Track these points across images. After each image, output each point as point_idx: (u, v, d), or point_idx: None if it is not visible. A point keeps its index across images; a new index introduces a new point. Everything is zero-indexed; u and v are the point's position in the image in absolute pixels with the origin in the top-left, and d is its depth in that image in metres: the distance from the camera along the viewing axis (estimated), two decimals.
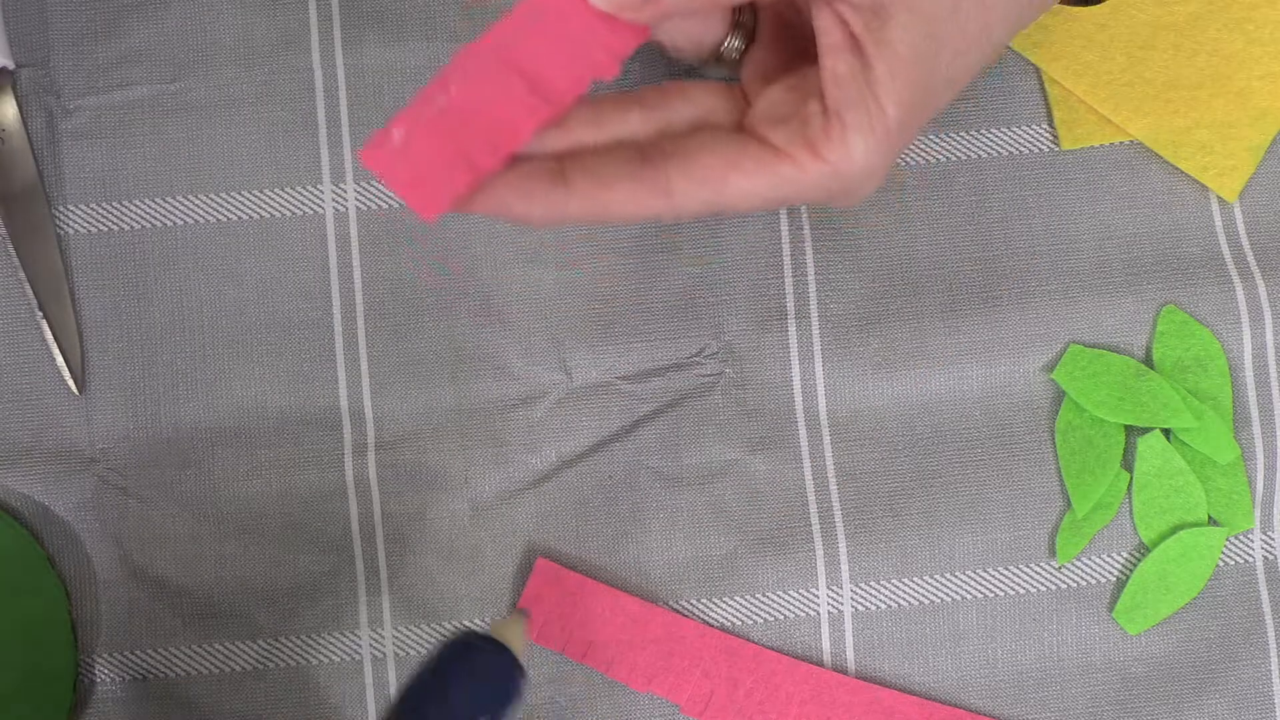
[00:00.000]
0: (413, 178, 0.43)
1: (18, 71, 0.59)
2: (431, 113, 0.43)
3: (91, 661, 0.57)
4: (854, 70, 0.45)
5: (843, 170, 0.45)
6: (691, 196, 0.46)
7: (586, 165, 0.46)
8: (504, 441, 0.58)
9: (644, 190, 0.46)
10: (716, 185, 0.46)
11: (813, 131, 0.45)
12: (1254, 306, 0.59)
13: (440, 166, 0.43)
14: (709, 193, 0.46)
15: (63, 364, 0.57)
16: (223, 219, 0.59)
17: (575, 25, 0.45)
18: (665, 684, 0.57)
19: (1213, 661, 0.58)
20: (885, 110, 0.45)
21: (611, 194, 0.45)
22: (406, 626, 0.57)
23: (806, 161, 0.45)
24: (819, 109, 0.46)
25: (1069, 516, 0.58)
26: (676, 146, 0.46)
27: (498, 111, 0.44)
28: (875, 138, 0.45)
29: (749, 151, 0.46)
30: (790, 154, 0.46)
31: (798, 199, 0.46)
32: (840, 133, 0.45)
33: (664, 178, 0.46)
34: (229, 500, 0.57)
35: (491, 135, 0.44)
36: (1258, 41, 0.60)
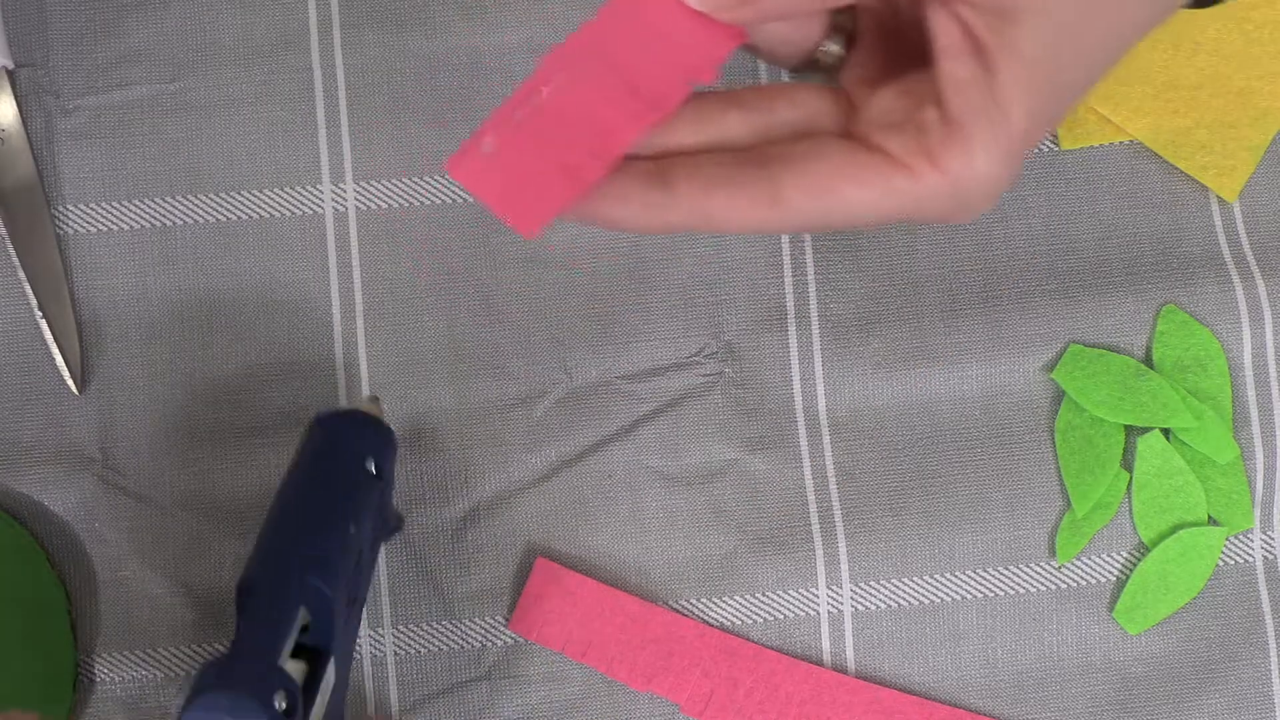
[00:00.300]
0: (507, 190, 0.40)
1: (17, 71, 0.59)
2: (523, 118, 0.40)
3: (91, 661, 0.57)
4: (976, 75, 0.41)
5: (963, 183, 0.42)
6: (802, 207, 0.42)
7: (689, 169, 0.42)
8: (504, 441, 0.58)
9: (752, 198, 0.42)
10: (828, 195, 0.42)
11: (932, 140, 0.42)
12: (1254, 306, 0.59)
13: (538, 176, 0.40)
14: (820, 203, 0.42)
15: (62, 364, 0.57)
16: (222, 219, 0.59)
17: (668, 27, 0.41)
18: (665, 683, 0.57)
19: (1213, 661, 0.58)
20: (1011, 118, 0.41)
21: (716, 201, 0.42)
22: (407, 626, 0.57)
23: (925, 172, 0.42)
24: (937, 116, 0.42)
25: (1069, 516, 0.58)
26: (785, 152, 0.43)
27: (598, 116, 0.41)
28: (999, 148, 0.42)
29: (862, 160, 0.42)
30: (907, 164, 0.42)
31: (913, 214, 0.43)
32: (963, 142, 0.42)
33: (773, 185, 0.42)
34: (229, 500, 0.57)
35: (593, 141, 0.40)
36: (1257, 41, 0.60)
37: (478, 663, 0.57)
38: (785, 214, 0.42)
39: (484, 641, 0.57)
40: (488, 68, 0.59)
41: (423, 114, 0.59)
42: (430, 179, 0.59)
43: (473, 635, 0.57)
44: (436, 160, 0.59)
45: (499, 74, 0.59)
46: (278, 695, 0.43)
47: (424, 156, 0.59)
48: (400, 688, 0.57)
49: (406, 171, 0.59)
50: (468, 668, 0.57)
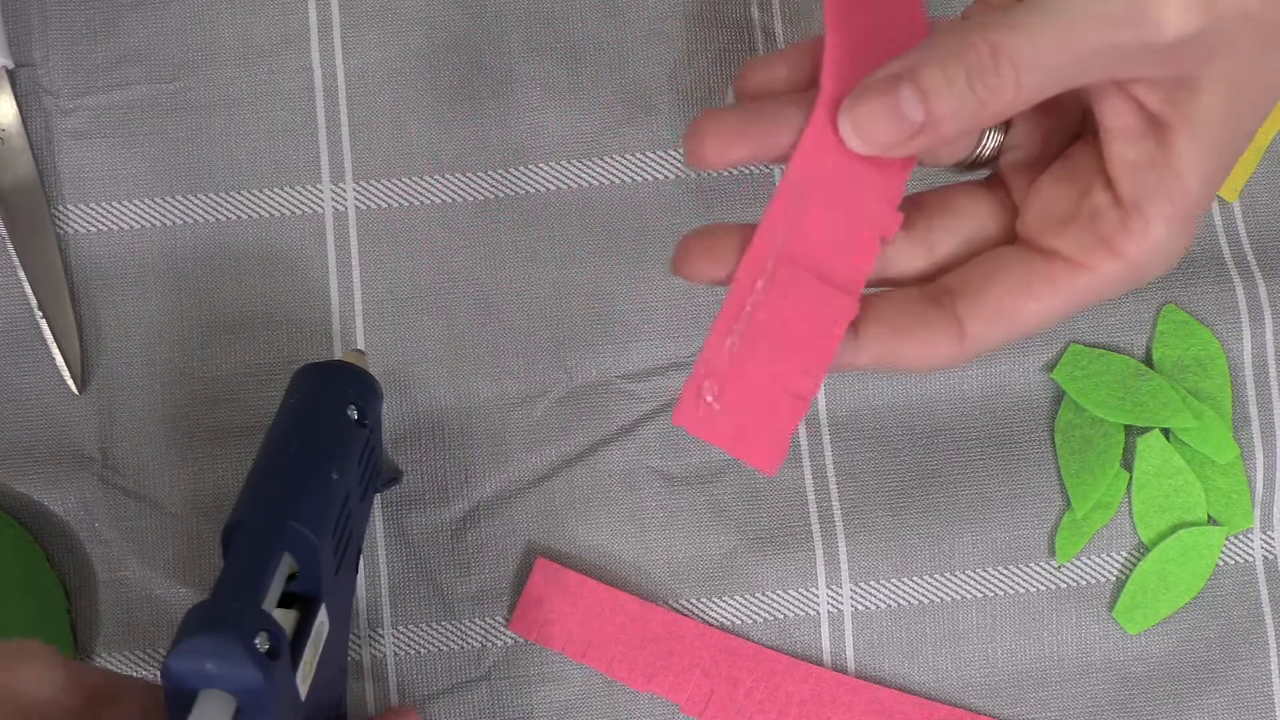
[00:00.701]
0: (739, 432, 0.40)
1: (17, 71, 0.59)
2: (735, 352, 0.40)
3: (91, 661, 0.57)
4: (1152, 154, 0.40)
5: (1145, 263, 0.41)
6: (986, 336, 0.41)
7: (874, 313, 0.42)
8: (504, 441, 0.58)
9: (937, 337, 0.41)
10: (1011, 319, 0.41)
11: (1107, 228, 0.41)
12: (1254, 306, 0.59)
13: (763, 411, 0.40)
14: (1004, 329, 0.41)
15: (62, 364, 0.57)
16: (222, 218, 0.59)
17: (842, 186, 0.41)
18: (665, 683, 0.57)
19: (1213, 661, 0.58)
20: (1189, 190, 0.40)
21: (905, 346, 0.41)
22: (407, 626, 0.57)
23: (1104, 265, 0.41)
24: (1110, 201, 0.41)
25: (1069, 516, 0.58)
26: (960, 283, 0.42)
27: (804, 325, 0.40)
28: (1178, 220, 0.40)
29: (1038, 271, 0.41)
30: (1084, 262, 0.41)
31: (1093, 304, 0.42)
32: (1142, 225, 0.40)
33: (955, 320, 0.41)
34: (229, 500, 0.57)
35: (804, 355, 0.40)
36: None
37: (478, 663, 0.57)
38: (972, 346, 0.42)
39: (484, 642, 0.57)
40: (489, 66, 0.60)
41: (423, 114, 0.59)
42: (430, 179, 0.59)
43: (473, 635, 0.57)
44: (436, 160, 0.59)
45: (500, 72, 0.59)
46: (260, 636, 0.43)
47: (424, 156, 0.59)
48: (400, 688, 0.57)
49: (406, 171, 0.59)
50: (468, 668, 0.57)
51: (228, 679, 0.42)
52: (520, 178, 0.59)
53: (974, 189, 0.44)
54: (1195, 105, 0.40)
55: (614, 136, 0.59)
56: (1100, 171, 0.41)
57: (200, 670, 0.42)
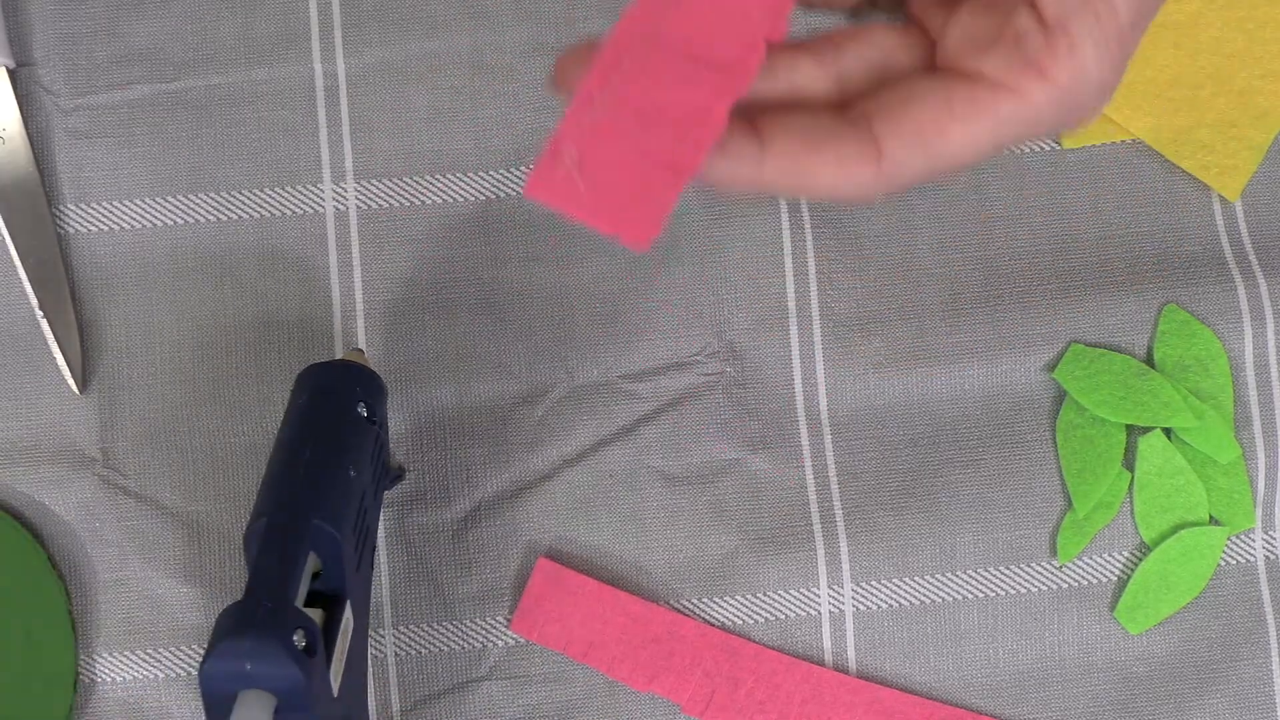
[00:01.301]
0: (604, 202, 0.36)
1: (18, 71, 0.59)
2: (598, 120, 0.36)
3: (91, 661, 0.57)
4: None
5: (1074, 90, 0.38)
6: (906, 161, 0.38)
7: (781, 123, 0.38)
8: (505, 440, 0.58)
9: (851, 156, 0.38)
10: (934, 142, 0.38)
11: (1033, 50, 0.38)
12: (1255, 306, 0.59)
13: (634, 179, 0.36)
14: (925, 152, 0.38)
15: (63, 363, 0.57)
16: (223, 218, 0.59)
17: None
18: (666, 683, 0.57)
19: (1214, 661, 0.58)
20: (1116, 9, 0.38)
21: (816, 161, 0.38)
22: (407, 626, 0.57)
23: (1031, 89, 0.38)
24: (1033, 23, 0.38)
25: (1070, 516, 0.58)
26: (876, 105, 0.39)
27: (679, 100, 0.36)
28: (1109, 44, 0.38)
29: (960, 93, 0.38)
30: (1010, 85, 0.38)
31: (1024, 136, 0.39)
32: (1068, 46, 0.38)
33: (871, 140, 0.38)
34: (229, 500, 0.57)
35: (683, 128, 0.36)
36: (1259, 40, 0.60)
37: (479, 663, 0.57)
38: (890, 171, 0.38)
39: (485, 642, 0.57)
40: (489, 66, 0.59)
41: (424, 114, 0.59)
42: (431, 178, 0.59)
43: (474, 636, 0.57)
44: (437, 160, 0.59)
45: (500, 72, 0.59)
46: (297, 634, 0.43)
47: (425, 156, 0.59)
48: (401, 688, 0.57)
49: (407, 171, 0.59)
50: (469, 668, 0.57)
51: (267, 678, 0.42)
52: (521, 178, 0.59)
53: (886, 26, 0.41)
54: None
55: None
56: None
57: (240, 671, 0.42)
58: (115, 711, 0.56)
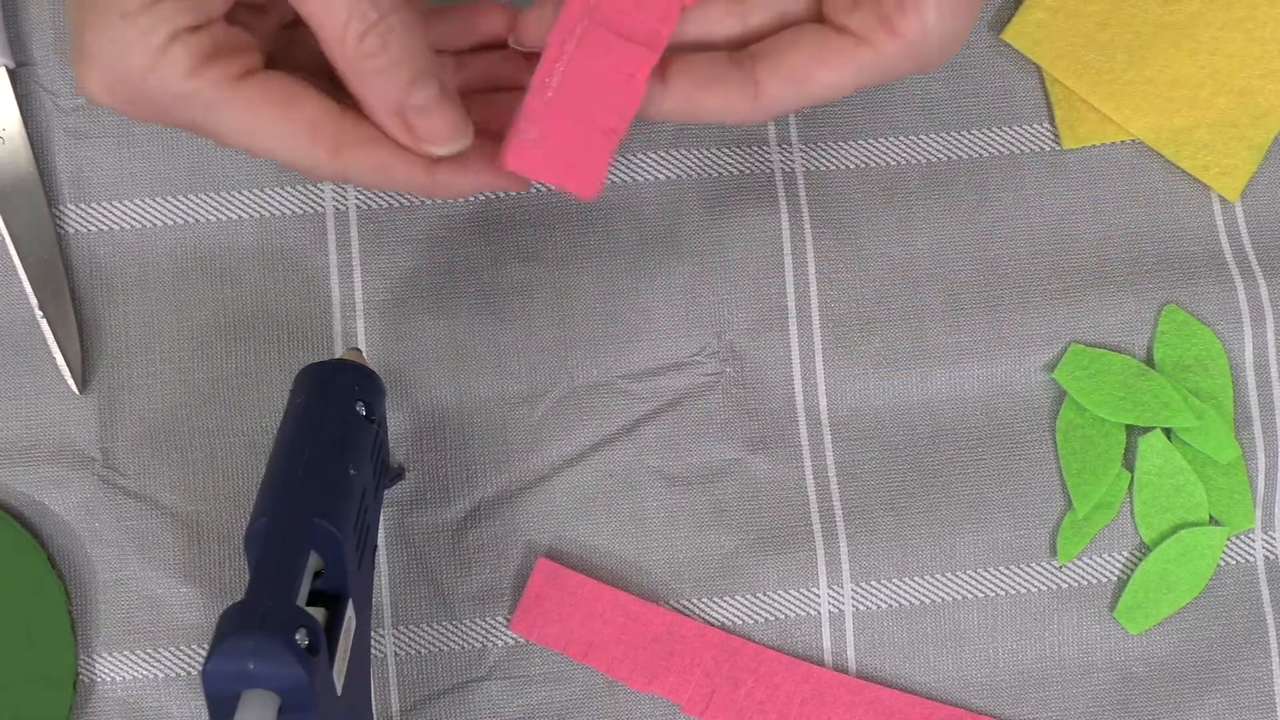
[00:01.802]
0: (562, 166, 0.47)
1: (18, 71, 0.59)
2: (551, 100, 0.46)
3: (91, 661, 0.57)
4: None
5: (919, 44, 0.47)
6: (778, 97, 0.48)
7: (683, 65, 0.48)
8: (505, 440, 0.58)
9: (734, 92, 0.48)
10: (802, 83, 0.48)
11: (887, 9, 0.46)
12: (1255, 306, 0.59)
13: (582, 146, 0.46)
14: (796, 91, 0.48)
15: (63, 364, 0.57)
16: (223, 218, 0.59)
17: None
18: (666, 684, 0.57)
19: (1214, 661, 0.58)
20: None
21: (704, 95, 0.48)
22: (407, 626, 0.57)
23: (884, 43, 0.47)
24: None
25: (1070, 516, 0.58)
26: (764, 48, 0.48)
27: (610, 75, 0.47)
28: (951, 6, 0.46)
29: (831, 44, 0.47)
30: (868, 39, 0.47)
31: (885, 77, 0.48)
32: (914, 5, 0.46)
33: (752, 80, 0.48)
34: (229, 500, 0.57)
35: (614, 98, 0.47)
36: (1259, 40, 0.60)
37: (479, 663, 0.57)
38: (765, 104, 0.48)
39: (485, 642, 0.57)
40: None
41: None
42: None
43: (473, 636, 0.57)
44: None
45: None
46: (299, 633, 0.43)
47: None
48: (401, 688, 0.57)
49: None
50: (469, 668, 0.57)
51: (270, 677, 0.42)
52: None
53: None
54: None
55: None
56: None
57: (243, 670, 0.42)
58: (115, 711, 0.56)
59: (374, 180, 0.47)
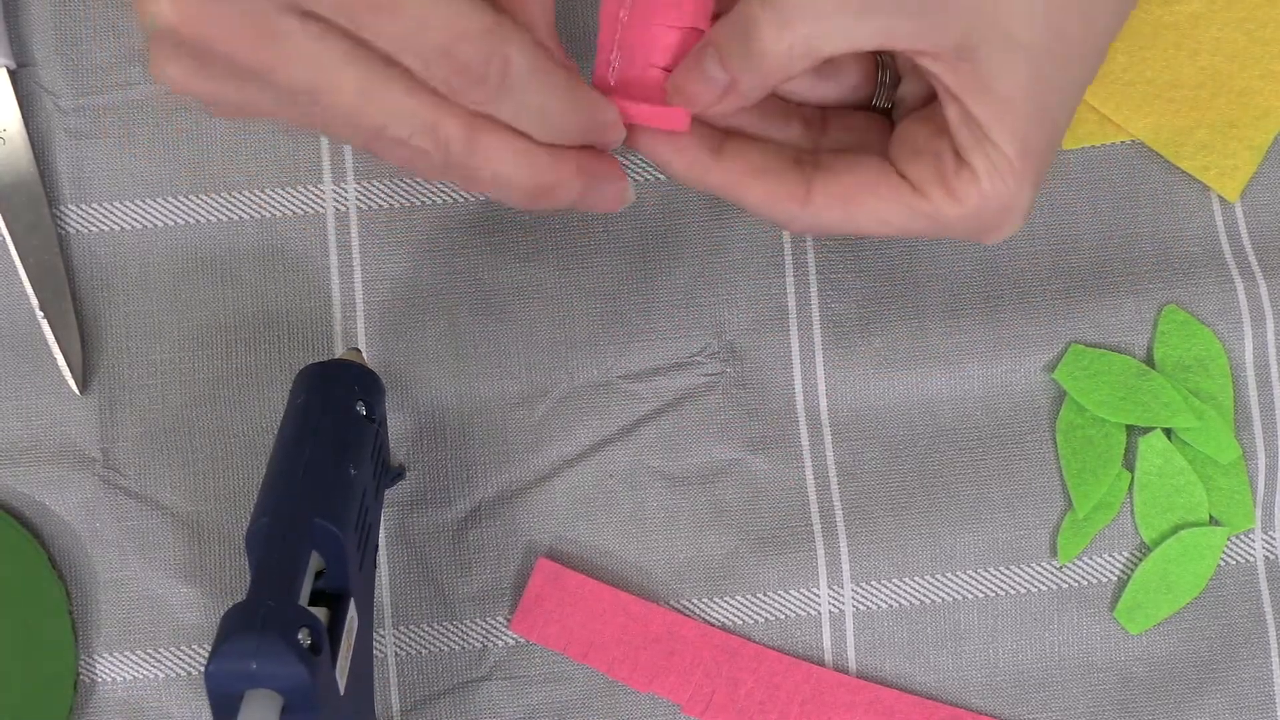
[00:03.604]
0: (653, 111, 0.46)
1: (19, 71, 0.59)
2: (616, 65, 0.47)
3: (92, 662, 0.57)
4: (964, 114, 0.45)
5: (978, 208, 0.46)
6: (825, 210, 0.47)
7: (740, 147, 0.48)
8: (505, 441, 0.58)
9: (784, 191, 0.47)
10: (852, 206, 0.47)
11: (945, 171, 0.46)
12: (1255, 306, 0.59)
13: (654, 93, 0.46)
14: (842, 211, 0.47)
15: (64, 364, 0.57)
16: (223, 219, 0.59)
17: None
18: (666, 684, 0.57)
19: (1214, 661, 0.58)
20: (1003, 150, 0.45)
21: (754, 181, 0.47)
22: (408, 626, 0.57)
23: (940, 200, 0.46)
24: (950, 149, 0.46)
25: (1070, 516, 0.58)
26: (827, 161, 0.48)
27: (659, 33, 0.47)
28: (1002, 177, 0.46)
29: (889, 180, 0.47)
30: (926, 192, 0.46)
31: (940, 233, 0.47)
32: (970, 176, 0.46)
33: (805, 186, 0.47)
34: (230, 500, 0.57)
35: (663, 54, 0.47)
36: (1259, 41, 0.60)
37: (479, 663, 0.57)
38: (810, 212, 0.47)
39: (485, 642, 0.57)
40: None
41: None
42: None
43: (474, 636, 0.57)
44: None
45: None
46: (302, 632, 0.43)
47: None
48: (401, 688, 0.57)
49: (408, 171, 0.59)
50: (469, 668, 0.57)
51: (273, 677, 0.42)
52: None
53: (875, 119, 0.50)
54: (980, 77, 0.44)
55: None
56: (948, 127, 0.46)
57: (245, 671, 0.42)
58: (115, 712, 0.56)
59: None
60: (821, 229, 0.47)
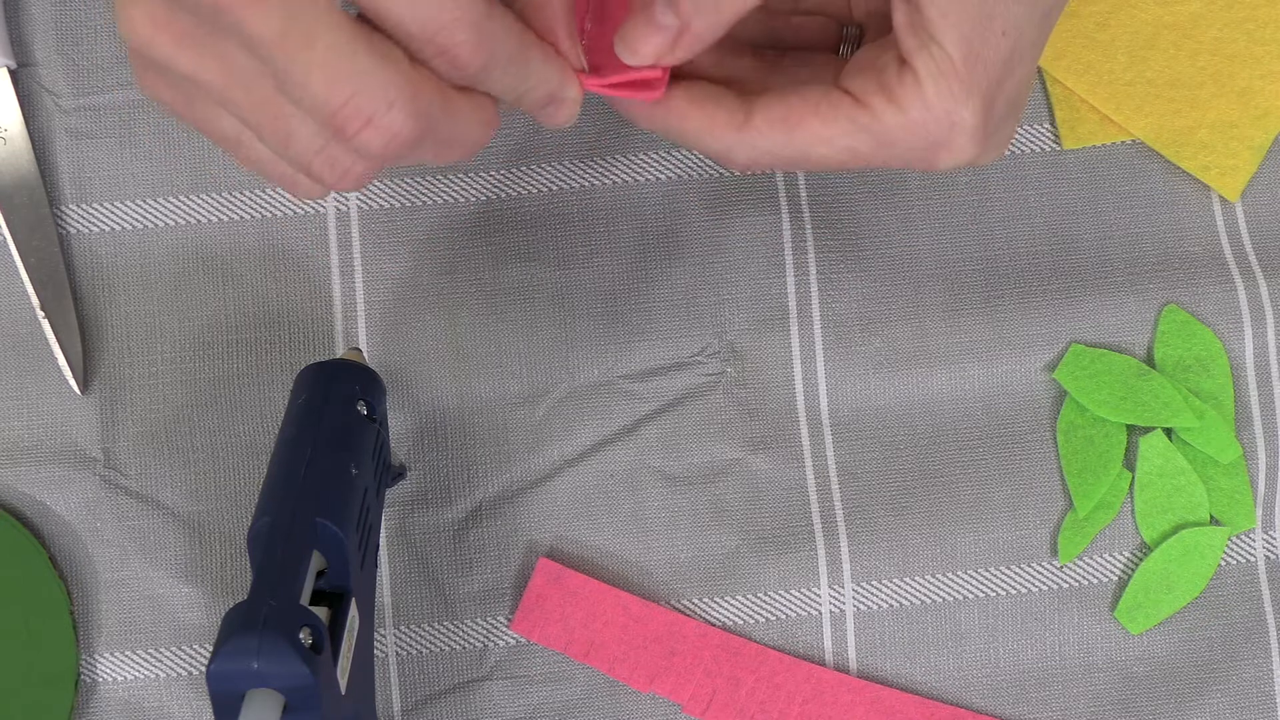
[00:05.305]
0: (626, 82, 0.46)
1: (20, 71, 0.59)
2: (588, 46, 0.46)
3: (93, 662, 0.57)
4: (912, 18, 0.44)
5: (923, 120, 0.45)
6: (764, 134, 0.46)
7: (686, 85, 0.47)
8: (506, 440, 0.58)
9: (721, 116, 0.46)
10: (792, 126, 0.46)
11: (887, 78, 0.45)
12: (1255, 306, 0.59)
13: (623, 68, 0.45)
14: (783, 133, 0.46)
15: (64, 364, 0.57)
16: (224, 218, 0.59)
17: None
18: (667, 683, 0.57)
19: (1214, 661, 0.58)
20: (948, 51, 0.44)
21: (691, 109, 0.46)
22: (408, 626, 0.57)
23: (882, 108, 0.45)
24: (895, 58, 0.45)
25: (1071, 516, 0.58)
26: (773, 88, 0.47)
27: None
28: (947, 81, 0.44)
29: (831, 99, 0.46)
30: (866, 101, 0.45)
31: (887, 154, 0.46)
32: (913, 79, 0.44)
33: (744, 111, 0.46)
34: (231, 500, 0.57)
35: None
36: (1259, 41, 0.60)
37: (480, 663, 0.57)
38: (749, 137, 0.46)
39: (486, 642, 0.57)
40: None
41: None
42: (432, 179, 0.59)
43: (474, 635, 0.57)
44: None
45: None
46: (303, 632, 0.43)
47: None
48: (402, 688, 0.57)
49: (409, 171, 0.59)
50: (470, 668, 0.57)
51: (274, 676, 0.42)
52: (521, 178, 0.59)
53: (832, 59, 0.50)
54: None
55: (614, 136, 0.59)
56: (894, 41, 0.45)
57: (246, 670, 0.42)
58: (116, 711, 0.56)
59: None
60: (762, 156, 0.46)
